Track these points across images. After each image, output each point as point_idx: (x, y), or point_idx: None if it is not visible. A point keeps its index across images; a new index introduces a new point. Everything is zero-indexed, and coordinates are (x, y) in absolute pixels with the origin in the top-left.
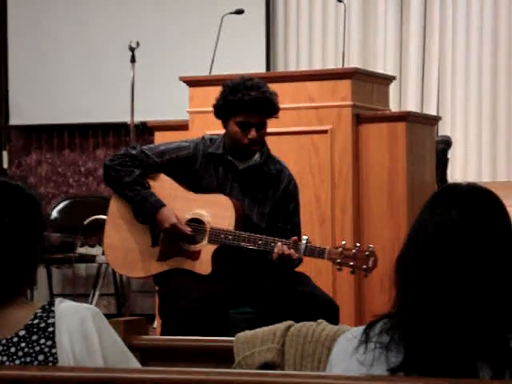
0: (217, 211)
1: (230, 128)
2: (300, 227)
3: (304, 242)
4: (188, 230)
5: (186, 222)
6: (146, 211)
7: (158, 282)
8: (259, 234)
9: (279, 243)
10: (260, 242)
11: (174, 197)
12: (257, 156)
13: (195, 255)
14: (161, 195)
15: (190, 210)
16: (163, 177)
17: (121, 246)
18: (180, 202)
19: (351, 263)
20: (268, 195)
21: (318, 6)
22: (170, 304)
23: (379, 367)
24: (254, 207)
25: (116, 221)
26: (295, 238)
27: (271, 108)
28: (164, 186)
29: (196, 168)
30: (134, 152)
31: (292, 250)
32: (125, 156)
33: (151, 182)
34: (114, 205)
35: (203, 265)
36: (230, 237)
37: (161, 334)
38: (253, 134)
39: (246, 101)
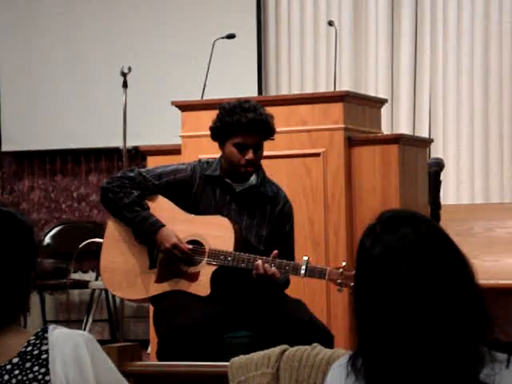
0: (216, 232)
1: (227, 149)
2: (293, 249)
3: (304, 262)
4: (189, 247)
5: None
6: (146, 232)
7: (155, 302)
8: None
9: (259, 261)
10: None
11: (172, 218)
12: (253, 178)
13: (194, 277)
14: (159, 217)
15: (188, 231)
16: (161, 199)
17: (118, 268)
18: (179, 224)
19: (351, 284)
20: (265, 217)
21: (309, 29)
22: (168, 320)
23: None
24: (252, 229)
25: (113, 243)
26: (275, 252)
27: (268, 129)
28: (162, 208)
29: (194, 190)
30: (131, 174)
31: (274, 269)
32: (123, 178)
33: (150, 204)
34: (112, 227)
35: (202, 286)
36: (230, 258)
37: (157, 352)
38: (250, 155)
39: (243, 122)
